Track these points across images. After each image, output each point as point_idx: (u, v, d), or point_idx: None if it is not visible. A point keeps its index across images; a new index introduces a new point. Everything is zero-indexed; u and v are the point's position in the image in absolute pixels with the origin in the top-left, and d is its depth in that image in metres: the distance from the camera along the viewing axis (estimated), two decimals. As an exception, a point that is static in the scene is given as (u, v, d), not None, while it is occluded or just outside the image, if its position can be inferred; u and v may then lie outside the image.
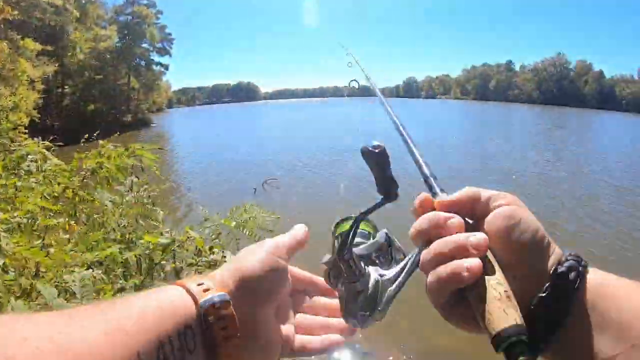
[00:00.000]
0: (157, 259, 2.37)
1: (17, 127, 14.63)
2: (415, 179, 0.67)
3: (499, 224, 0.55)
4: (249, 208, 2.74)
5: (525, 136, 33.68)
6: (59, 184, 3.13)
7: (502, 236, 0.55)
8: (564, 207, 12.48)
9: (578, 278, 0.53)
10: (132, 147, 3.43)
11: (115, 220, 2.95)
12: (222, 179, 16.82)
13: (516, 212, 0.56)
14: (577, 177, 17.17)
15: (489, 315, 0.50)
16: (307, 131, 36.68)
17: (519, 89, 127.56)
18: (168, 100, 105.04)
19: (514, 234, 0.55)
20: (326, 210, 12.03)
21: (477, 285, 0.52)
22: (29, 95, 22.07)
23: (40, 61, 26.67)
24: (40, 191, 2.86)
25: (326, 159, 20.49)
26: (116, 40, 48.48)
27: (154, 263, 2.37)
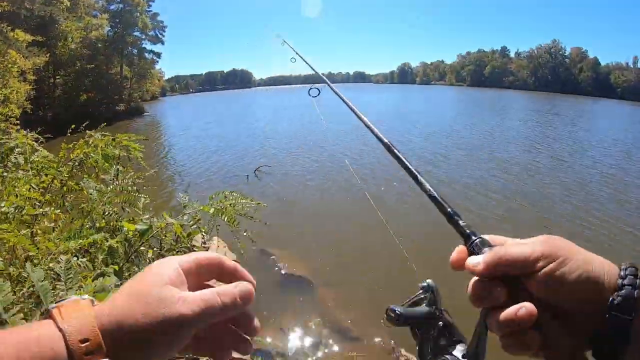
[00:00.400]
0: (136, 246, 2.45)
1: (9, 119, 14.63)
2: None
3: (541, 289, 0.57)
4: (228, 194, 2.81)
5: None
6: (46, 175, 3.19)
7: (549, 293, 0.56)
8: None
9: (633, 310, 0.53)
10: (119, 138, 3.50)
11: (101, 209, 3.02)
12: (214, 167, 16.82)
13: (558, 269, 0.56)
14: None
15: None
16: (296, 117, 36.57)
17: (514, 76, 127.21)
18: (161, 89, 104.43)
19: (561, 293, 0.56)
20: (319, 194, 12.15)
21: (544, 353, 0.57)
22: (21, 87, 21.90)
23: (31, 52, 26.38)
24: (27, 182, 2.92)
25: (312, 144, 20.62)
26: (107, 29, 48.07)
27: (133, 249, 2.45)
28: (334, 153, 17.57)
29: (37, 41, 26.72)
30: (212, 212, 2.67)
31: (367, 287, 6.82)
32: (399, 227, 8.98)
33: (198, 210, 2.73)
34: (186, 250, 2.54)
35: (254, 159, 17.22)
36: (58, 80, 39.80)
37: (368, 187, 12.30)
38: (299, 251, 8.20)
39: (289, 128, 28.79)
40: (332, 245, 8.44)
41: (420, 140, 22.23)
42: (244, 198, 2.88)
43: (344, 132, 20.84)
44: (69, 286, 1.81)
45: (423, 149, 19.28)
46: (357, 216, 9.46)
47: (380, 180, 12.80)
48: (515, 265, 0.58)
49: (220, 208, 2.69)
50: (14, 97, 19.41)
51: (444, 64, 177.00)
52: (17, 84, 21.34)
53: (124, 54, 53.09)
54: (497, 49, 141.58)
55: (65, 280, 1.84)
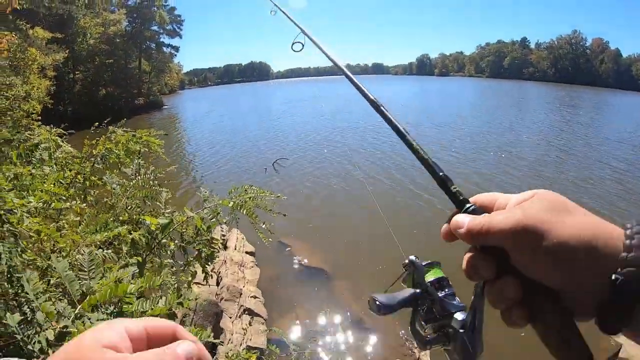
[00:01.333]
0: (158, 239, 2.53)
1: (30, 115, 14.91)
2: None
3: (521, 260, 0.55)
4: (247, 188, 2.88)
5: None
6: (70, 170, 3.30)
7: (530, 267, 0.54)
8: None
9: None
10: (140, 133, 3.59)
11: (124, 203, 3.11)
12: (234, 159, 16.99)
13: (535, 244, 0.53)
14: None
15: (553, 355, 0.54)
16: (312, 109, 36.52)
17: (533, 67, 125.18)
18: (180, 82, 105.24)
19: (540, 270, 0.54)
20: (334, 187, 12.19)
21: (535, 328, 0.56)
22: (41, 83, 22.24)
23: (50, 49, 26.78)
24: (53, 177, 3.02)
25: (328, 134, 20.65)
26: (125, 24, 48.49)
27: (156, 242, 2.53)
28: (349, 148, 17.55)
29: (56, 38, 27.14)
30: (232, 205, 2.74)
31: (382, 279, 6.86)
32: (406, 219, 9.01)
33: (218, 204, 2.81)
34: (205, 243, 2.62)
35: (272, 152, 17.31)
36: (77, 76, 40.39)
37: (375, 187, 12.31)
38: (315, 243, 8.27)
39: (306, 121, 28.79)
40: (348, 237, 8.49)
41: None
42: (262, 191, 2.93)
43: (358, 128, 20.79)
44: (92, 276, 1.89)
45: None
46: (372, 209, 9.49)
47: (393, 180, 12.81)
48: (495, 238, 0.55)
49: (240, 202, 2.76)
50: (35, 93, 19.73)
51: (463, 55, 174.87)
52: (37, 81, 21.66)
53: (142, 48, 53.53)
54: (517, 40, 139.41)
55: (88, 270, 1.92)
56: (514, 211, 0.56)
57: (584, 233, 0.52)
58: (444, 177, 0.66)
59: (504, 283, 0.56)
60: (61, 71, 33.37)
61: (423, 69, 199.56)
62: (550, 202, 0.56)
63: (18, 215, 2.19)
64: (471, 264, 0.58)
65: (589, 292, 0.52)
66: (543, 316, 0.54)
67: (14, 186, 2.85)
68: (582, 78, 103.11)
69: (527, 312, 0.55)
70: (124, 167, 3.44)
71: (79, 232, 2.67)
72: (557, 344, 0.53)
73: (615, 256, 0.51)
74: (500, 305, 0.57)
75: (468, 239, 0.59)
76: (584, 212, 0.56)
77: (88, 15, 38.35)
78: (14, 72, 18.31)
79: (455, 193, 0.64)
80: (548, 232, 0.52)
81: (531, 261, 0.54)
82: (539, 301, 0.55)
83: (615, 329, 0.52)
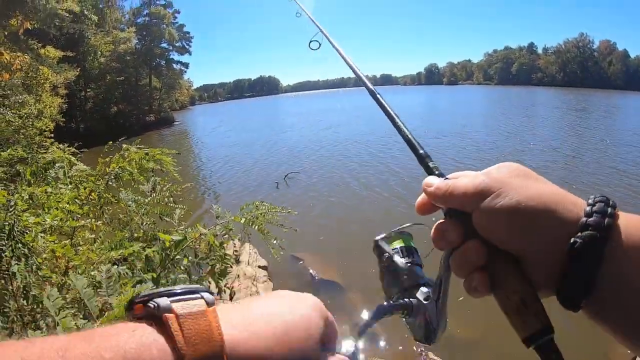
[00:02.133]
0: (172, 255, 2.56)
1: (43, 133, 15.10)
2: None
3: (482, 222, 0.55)
4: (259, 204, 2.91)
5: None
6: (85, 189, 3.35)
7: (491, 230, 0.55)
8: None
9: (599, 252, 0.49)
10: (152, 152, 3.64)
11: (139, 220, 3.16)
12: (246, 174, 16.96)
13: (490, 204, 0.54)
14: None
15: (513, 326, 0.54)
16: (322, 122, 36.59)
17: (542, 72, 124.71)
18: (191, 98, 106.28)
19: (496, 230, 0.54)
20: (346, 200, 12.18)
21: (495, 296, 0.55)
22: (53, 101, 22.59)
23: (62, 67, 27.20)
24: (69, 196, 3.08)
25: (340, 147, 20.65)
26: (135, 41, 49.15)
27: (170, 258, 2.56)
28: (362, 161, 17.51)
29: (67, 57, 27.56)
30: (244, 221, 2.77)
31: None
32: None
33: (230, 220, 2.83)
34: (219, 259, 2.65)
35: (283, 166, 17.33)
36: (89, 93, 40.92)
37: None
38: (326, 256, 8.24)
39: (317, 134, 28.80)
40: (359, 250, 8.45)
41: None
42: (274, 207, 2.96)
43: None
44: (110, 293, 1.92)
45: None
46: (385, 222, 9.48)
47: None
48: (458, 199, 0.57)
49: (251, 218, 2.79)
50: (47, 112, 20.02)
51: (471, 63, 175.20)
52: (49, 99, 22.00)
53: (153, 65, 54.15)
54: (524, 46, 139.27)
55: (106, 288, 1.94)
56: (479, 174, 0.58)
57: (546, 198, 0.52)
58: (424, 154, 0.70)
59: (466, 247, 0.56)
60: (73, 89, 33.84)
61: (431, 78, 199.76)
62: (516, 169, 0.57)
63: (33, 235, 2.23)
64: (438, 229, 0.60)
65: (549, 259, 0.51)
66: (503, 281, 0.54)
67: (29, 205, 2.91)
68: (591, 81, 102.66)
69: (489, 278, 0.55)
70: (140, 184, 3.49)
71: (94, 249, 2.72)
72: (516, 307, 0.52)
73: (576, 223, 0.50)
74: (463, 271, 0.57)
75: (435, 197, 0.60)
76: (548, 182, 0.57)
77: (98, 34, 38.94)
78: (26, 91, 18.62)
79: (432, 168, 0.67)
80: (509, 193, 0.53)
81: (491, 222, 0.54)
82: (499, 266, 0.54)
83: (575, 301, 0.51)
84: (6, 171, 6.66)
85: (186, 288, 0.42)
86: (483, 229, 0.55)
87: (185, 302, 0.40)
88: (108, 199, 3.39)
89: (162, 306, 0.39)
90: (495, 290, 0.55)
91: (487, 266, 0.55)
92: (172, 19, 55.35)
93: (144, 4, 53.48)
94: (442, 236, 0.59)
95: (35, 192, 2.99)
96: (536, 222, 0.51)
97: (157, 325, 0.38)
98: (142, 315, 0.40)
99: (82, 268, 2.44)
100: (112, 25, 43.13)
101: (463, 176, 0.60)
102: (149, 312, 0.39)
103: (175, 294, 0.41)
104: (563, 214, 0.51)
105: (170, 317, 0.38)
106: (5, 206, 2.15)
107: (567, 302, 0.51)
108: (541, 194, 0.53)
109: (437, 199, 0.61)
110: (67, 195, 3.04)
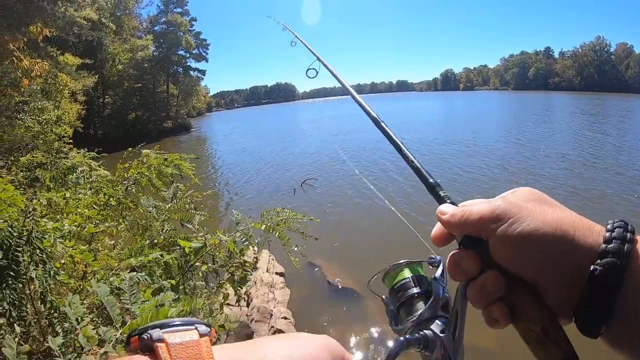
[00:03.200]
0: (191, 262, 2.53)
1: (62, 139, 15.32)
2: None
3: (499, 249, 0.53)
4: (280, 211, 2.87)
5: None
6: (104, 195, 3.35)
7: (508, 257, 0.53)
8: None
9: (619, 279, 0.48)
10: (171, 157, 3.63)
11: (159, 225, 3.14)
12: (263, 181, 17.03)
13: (507, 231, 0.52)
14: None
15: (536, 356, 0.52)
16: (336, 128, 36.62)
17: (559, 77, 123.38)
18: (207, 104, 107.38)
19: (514, 259, 0.52)
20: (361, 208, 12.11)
21: (516, 326, 0.54)
22: (72, 108, 22.94)
23: (80, 74, 27.64)
24: (89, 201, 3.07)
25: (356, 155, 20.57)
26: (153, 49, 49.70)
27: (189, 265, 2.53)
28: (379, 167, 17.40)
29: (85, 64, 28.02)
30: (264, 228, 2.73)
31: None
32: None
33: (250, 227, 2.80)
34: (238, 266, 2.61)
35: (299, 172, 17.34)
36: (107, 100, 41.57)
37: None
38: (343, 263, 8.20)
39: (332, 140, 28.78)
40: (376, 256, 8.39)
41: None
42: (295, 214, 2.92)
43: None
44: (133, 300, 1.89)
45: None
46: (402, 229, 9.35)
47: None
48: (474, 225, 0.55)
49: (272, 225, 2.75)
50: (66, 118, 20.32)
51: (487, 69, 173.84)
52: (68, 105, 22.34)
53: (170, 72, 54.82)
54: (541, 50, 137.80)
55: (130, 296, 1.92)
56: (495, 200, 0.57)
57: (563, 224, 0.51)
58: (433, 183, 0.68)
59: (485, 278, 0.54)
60: (91, 95, 34.39)
61: (448, 84, 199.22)
62: (531, 194, 0.56)
63: (52, 240, 2.21)
64: (454, 259, 0.58)
65: (567, 286, 0.51)
66: (524, 311, 0.52)
67: (47, 211, 2.91)
68: (609, 85, 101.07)
69: (508, 308, 0.53)
70: (159, 190, 3.48)
71: (113, 255, 2.70)
72: (538, 337, 0.51)
73: (595, 249, 0.50)
74: (481, 302, 0.55)
75: (450, 225, 0.58)
76: (563, 207, 0.55)
77: (116, 41, 39.53)
78: (45, 97, 18.92)
79: (443, 197, 0.65)
80: (526, 219, 0.52)
81: (509, 249, 0.52)
82: (519, 296, 0.53)
83: (595, 327, 0.50)
84: (25, 176, 6.74)
85: (183, 321, 0.46)
86: (500, 256, 0.53)
87: (177, 332, 0.44)
88: (127, 204, 3.39)
89: (154, 337, 0.43)
90: (515, 320, 0.54)
91: (506, 296, 0.54)
92: (189, 27, 56.03)
93: (161, 12, 54.31)
94: (458, 267, 0.57)
95: (54, 197, 2.99)
96: (554, 248, 0.51)
97: (150, 356, 0.42)
98: (138, 347, 0.43)
99: (100, 274, 2.42)
100: (130, 33, 43.76)
101: (477, 202, 0.58)
102: (144, 343, 0.43)
103: (169, 325, 0.45)
104: (581, 239, 0.51)
105: (161, 346, 0.42)
106: (25, 211, 2.13)
107: (587, 329, 0.50)
108: (558, 219, 0.52)
109: (452, 226, 0.58)
110: (85, 200, 3.03)
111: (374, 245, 9.12)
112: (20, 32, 16.58)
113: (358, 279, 7.55)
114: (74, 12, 25.64)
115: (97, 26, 32.58)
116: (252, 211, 3.23)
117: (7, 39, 15.76)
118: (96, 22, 30.98)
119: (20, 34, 16.55)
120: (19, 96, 16.40)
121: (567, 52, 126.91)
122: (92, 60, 30.45)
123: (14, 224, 2.00)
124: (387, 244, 8.94)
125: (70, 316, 1.67)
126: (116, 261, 2.54)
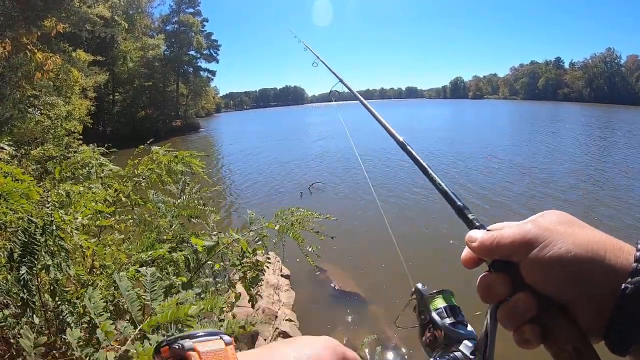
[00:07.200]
0: (203, 260, 2.52)
1: (72, 134, 15.41)
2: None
3: (531, 272, 0.54)
4: (295, 210, 2.86)
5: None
6: (115, 191, 3.35)
7: (540, 279, 0.53)
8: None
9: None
10: (181, 154, 3.63)
11: (168, 221, 3.13)
12: (270, 183, 17.02)
13: (540, 254, 0.53)
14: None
15: None
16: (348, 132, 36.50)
17: (568, 88, 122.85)
18: (216, 105, 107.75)
19: (547, 281, 0.53)
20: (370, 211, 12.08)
21: (547, 346, 0.54)
22: (82, 104, 23.07)
23: (92, 71, 27.81)
24: (102, 195, 3.08)
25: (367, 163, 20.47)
26: (164, 48, 49.98)
27: (201, 263, 2.53)
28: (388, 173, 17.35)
29: (97, 61, 28.21)
30: (278, 228, 2.72)
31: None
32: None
33: (264, 227, 2.79)
34: (251, 266, 2.59)
35: (306, 176, 17.34)
36: (117, 97, 41.83)
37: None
38: (348, 267, 8.17)
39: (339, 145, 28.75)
40: (382, 261, 8.36)
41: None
42: (311, 213, 2.91)
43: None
44: (154, 297, 1.89)
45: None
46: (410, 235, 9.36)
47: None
48: (505, 250, 0.56)
49: (286, 224, 2.74)
50: (76, 113, 20.44)
51: (497, 77, 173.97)
52: (78, 101, 22.47)
53: (180, 72, 55.21)
54: (551, 60, 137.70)
55: (150, 292, 1.91)
56: (525, 223, 0.57)
57: (594, 245, 0.52)
58: (462, 206, 0.69)
59: (516, 299, 0.55)
60: (101, 92, 34.62)
61: (457, 92, 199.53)
62: (561, 216, 0.58)
63: (69, 231, 2.22)
64: (484, 282, 0.59)
65: (597, 305, 0.51)
66: (555, 331, 0.53)
67: (61, 204, 2.91)
68: (619, 97, 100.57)
69: (540, 329, 0.54)
70: (168, 185, 3.48)
71: (123, 250, 2.70)
72: (570, 357, 0.51)
73: (626, 269, 0.50)
74: (512, 324, 0.56)
75: (481, 251, 0.59)
76: (593, 228, 0.56)
77: (128, 39, 39.74)
78: (56, 92, 19.05)
79: (472, 220, 0.65)
80: (558, 242, 0.53)
81: (542, 273, 0.53)
82: (551, 316, 0.54)
83: (626, 345, 0.50)
84: (35, 169, 6.77)
85: (207, 332, 0.49)
86: (532, 278, 0.54)
87: (206, 342, 0.48)
88: (136, 200, 3.39)
89: (186, 347, 0.46)
90: (547, 340, 0.54)
91: (537, 317, 0.54)
92: (200, 27, 56.30)
93: (173, 12, 54.61)
94: (489, 289, 0.58)
95: (72, 189, 3.00)
96: (586, 270, 0.51)
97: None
98: (169, 356, 0.47)
99: (111, 268, 2.42)
100: (142, 32, 43.97)
101: (507, 227, 0.59)
102: (175, 352, 0.47)
103: (197, 336, 0.48)
104: (612, 260, 0.51)
105: (193, 355, 0.46)
106: (41, 202, 2.14)
107: (618, 347, 0.51)
108: (589, 241, 0.53)
109: (482, 253, 0.59)
110: (98, 194, 3.03)
111: (380, 250, 9.09)
112: (35, 26, 16.72)
113: (363, 284, 7.53)
114: (88, 9, 25.76)
115: (110, 24, 32.79)
116: (261, 212, 3.19)
117: (22, 33, 15.89)
118: (109, 19, 31.12)
119: (35, 27, 16.69)
120: (30, 89, 16.52)
121: (577, 63, 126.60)
122: (103, 57, 30.62)
123: (31, 214, 2.00)
124: (393, 250, 8.90)
125: (90, 310, 1.67)
126: (126, 256, 2.54)
